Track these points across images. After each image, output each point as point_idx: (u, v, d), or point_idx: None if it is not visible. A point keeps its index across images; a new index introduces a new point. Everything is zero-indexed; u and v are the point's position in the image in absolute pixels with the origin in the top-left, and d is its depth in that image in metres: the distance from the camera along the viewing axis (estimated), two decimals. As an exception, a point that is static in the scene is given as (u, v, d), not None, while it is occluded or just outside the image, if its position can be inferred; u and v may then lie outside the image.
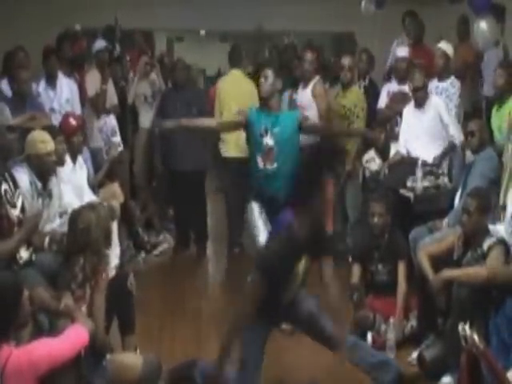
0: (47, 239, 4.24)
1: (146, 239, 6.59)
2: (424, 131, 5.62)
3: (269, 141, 4.72)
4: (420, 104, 5.65)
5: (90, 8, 8.70)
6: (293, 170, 4.72)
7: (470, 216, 4.16)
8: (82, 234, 3.48)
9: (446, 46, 6.19)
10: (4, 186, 3.88)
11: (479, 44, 6.46)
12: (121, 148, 6.41)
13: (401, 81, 6.34)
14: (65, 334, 3.05)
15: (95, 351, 3.36)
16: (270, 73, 4.82)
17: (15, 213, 3.88)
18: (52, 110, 6.05)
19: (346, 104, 6.16)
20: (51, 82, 6.26)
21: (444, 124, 5.57)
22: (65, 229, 3.92)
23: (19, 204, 3.96)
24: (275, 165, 4.72)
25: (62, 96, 6.25)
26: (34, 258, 3.97)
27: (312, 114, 6.37)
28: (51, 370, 2.83)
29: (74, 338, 3.05)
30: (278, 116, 4.81)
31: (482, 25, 6.25)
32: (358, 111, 6.12)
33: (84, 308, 3.40)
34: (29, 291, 3.00)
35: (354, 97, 6.19)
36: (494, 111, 5.53)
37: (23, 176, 4.30)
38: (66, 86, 6.34)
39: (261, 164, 4.76)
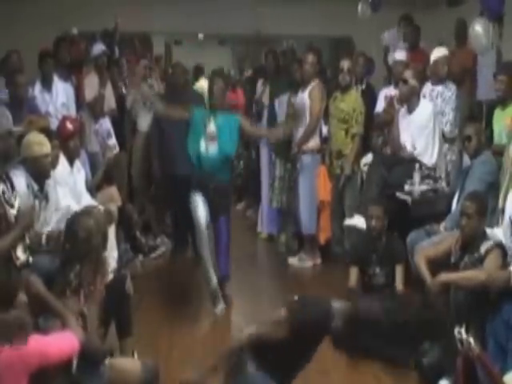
0: (44, 237, 4.24)
1: (143, 242, 6.59)
2: (416, 135, 5.64)
3: (212, 127, 5.28)
4: (409, 107, 5.67)
5: (88, 11, 8.72)
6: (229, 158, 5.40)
7: (470, 219, 4.16)
8: (83, 242, 3.45)
9: (446, 53, 6.19)
10: (1, 187, 3.87)
11: (475, 48, 6.48)
12: (116, 150, 6.41)
13: (401, 81, 6.34)
14: (56, 335, 3.05)
15: (89, 359, 3.34)
16: (220, 83, 5.36)
17: (13, 213, 3.88)
18: (47, 113, 6.05)
19: (345, 108, 6.16)
20: (47, 85, 6.27)
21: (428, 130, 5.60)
22: (61, 226, 3.91)
23: (17, 205, 3.96)
24: (217, 149, 5.26)
25: (57, 100, 6.26)
26: (30, 259, 3.96)
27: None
28: (42, 369, 2.83)
29: (65, 340, 3.04)
30: (221, 111, 5.38)
31: (478, 28, 6.26)
32: (356, 116, 6.12)
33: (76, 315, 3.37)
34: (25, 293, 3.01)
35: (353, 101, 6.19)
36: (496, 112, 5.54)
37: (20, 179, 4.29)
38: (62, 90, 6.35)
39: (203, 148, 5.29)
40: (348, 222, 5.76)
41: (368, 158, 6.23)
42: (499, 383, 2.30)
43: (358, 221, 5.45)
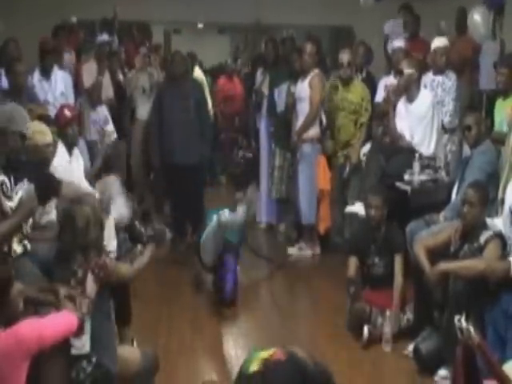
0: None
1: (142, 232, 6.57)
2: (415, 126, 5.61)
3: None
4: (409, 97, 5.65)
5: (87, 0, 8.68)
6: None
7: (473, 207, 4.13)
8: (82, 232, 3.43)
9: (445, 43, 6.17)
10: (1, 178, 3.86)
11: (474, 36, 6.47)
12: (115, 135, 6.39)
13: (397, 72, 6.33)
14: (53, 315, 3.03)
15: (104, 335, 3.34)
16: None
17: (10, 205, 3.85)
18: (46, 102, 6.03)
19: (354, 99, 6.17)
20: (45, 73, 6.26)
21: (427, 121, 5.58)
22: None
23: (16, 199, 3.93)
24: None
25: (56, 88, 6.25)
26: (29, 248, 3.95)
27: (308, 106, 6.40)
28: (41, 351, 2.82)
29: (62, 319, 3.01)
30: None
31: (476, 17, 6.26)
32: (366, 104, 6.16)
33: (86, 302, 3.35)
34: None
35: (360, 91, 6.22)
36: (498, 103, 5.53)
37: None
38: (61, 79, 6.34)
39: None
40: (349, 209, 5.75)
41: (367, 147, 6.23)
42: (498, 372, 2.31)
43: (359, 208, 5.45)
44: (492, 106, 5.66)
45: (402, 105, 5.73)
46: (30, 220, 4.10)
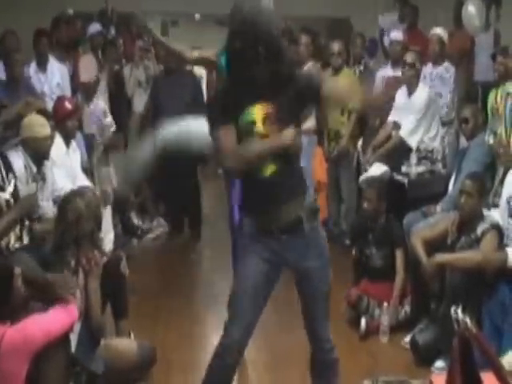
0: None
1: (136, 224, 6.59)
2: (412, 118, 5.61)
3: None
4: (410, 89, 5.64)
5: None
6: None
7: (470, 198, 4.13)
8: (73, 225, 3.44)
9: (441, 32, 6.18)
10: None
11: (468, 28, 6.47)
12: (113, 128, 6.38)
13: (395, 64, 6.33)
14: (55, 309, 3.04)
15: (91, 334, 3.35)
16: None
17: (4, 196, 3.86)
18: (43, 93, 6.02)
19: None
20: (42, 65, 6.25)
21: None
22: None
23: (10, 189, 3.93)
24: None
25: (52, 80, 6.24)
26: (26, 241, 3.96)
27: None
28: (44, 347, 2.83)
29: (64, 312, 3.03)
30: None
31: (471, 9, 6.26)
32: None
33: (78, 294, 3.37)
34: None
35: (346, 77, 6.22)
36: (492, 94, 5.52)
37: (18, 160, 4.31)
38: (58, 71, 6.33)
39: None
40: (365, 175, 5.61)
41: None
42: (496, 363, 2.31)
43: (374, 170, 5.44)
44: (487, 98, 5.66)
45: (401, 96, 5.72)
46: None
